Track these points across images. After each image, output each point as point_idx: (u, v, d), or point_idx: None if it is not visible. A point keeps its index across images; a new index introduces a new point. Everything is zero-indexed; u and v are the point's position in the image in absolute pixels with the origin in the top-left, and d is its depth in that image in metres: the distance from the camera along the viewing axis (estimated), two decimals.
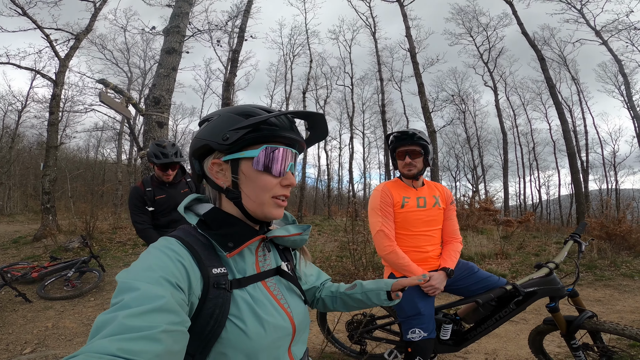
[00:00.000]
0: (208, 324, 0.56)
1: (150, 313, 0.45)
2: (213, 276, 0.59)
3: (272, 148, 0.66)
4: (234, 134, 0.64)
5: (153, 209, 2.61)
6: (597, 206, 12.26)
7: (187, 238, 0.62)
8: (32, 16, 8.75)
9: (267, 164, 0.65)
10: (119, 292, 0.49)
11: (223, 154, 0.67)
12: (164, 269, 0.53)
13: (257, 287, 0.66)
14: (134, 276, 0.51)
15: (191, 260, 0.59)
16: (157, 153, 2.57)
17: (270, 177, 0.66)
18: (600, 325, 1.59)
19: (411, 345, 1.74)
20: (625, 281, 4.52)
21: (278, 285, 0.70)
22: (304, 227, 0.77)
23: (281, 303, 0.67)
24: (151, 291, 0.48)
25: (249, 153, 0.65)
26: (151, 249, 0.59)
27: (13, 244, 7.31)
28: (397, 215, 1.84)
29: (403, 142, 1.83)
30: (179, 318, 0.49)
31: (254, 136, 0.65)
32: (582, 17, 14.86)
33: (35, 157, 17.62)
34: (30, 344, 2.98)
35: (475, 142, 23.83)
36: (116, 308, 0.46)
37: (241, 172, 0.66)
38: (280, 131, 0.67)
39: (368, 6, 18.25)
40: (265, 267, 0.70)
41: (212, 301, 0.57)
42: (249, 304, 0.62)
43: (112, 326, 0.42)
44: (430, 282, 1.72)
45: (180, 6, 5.77)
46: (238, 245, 0.63)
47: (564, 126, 12.33)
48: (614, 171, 20.33)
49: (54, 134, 8.52)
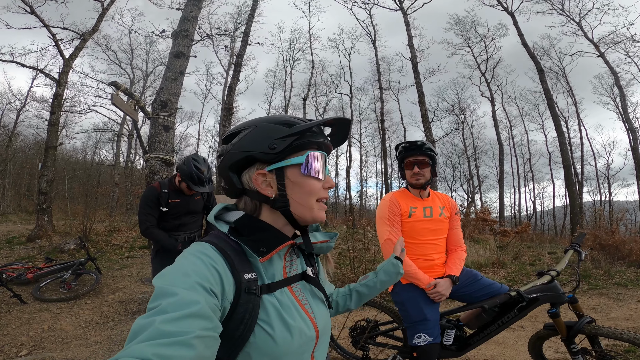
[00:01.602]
0: (238, 329, 0.57)
1: (185, 319, 0.47)
2: (245, 281, 0.60)
3: (314, 153, 0.69)
4: (281, 142, 0.66)
5: (167, 210, 2.59)
6: (591, 218, 12.42)
7: (220, 244, 0.63)
8: (39, 14, 8.78)
9: (312, 169, 0.68)
10: (157, 297, 0.50)
11: (266, 164, 0.67)
12: (199, 274, 0.55)
13: (283, 292, 0.67)
14: (171, 281, 0.53)
15: (224, 266, 0.60)
16: (194, 177, 2.45)
17: (315, 181, 0.69)
18: (598, 330, 1.65)
19: (417, 350, 1.77)
20: (619, 290, 4.60)
21: (303, 291, 0.71)
22: (330, 234, 0.79)
23: (305, 308, 0.68)
24: (187, 297, 0.49)
25: (295, 160, 0.67)
26: (187, 254, 0.60)
27: (6, 244, 7.20)
28: (404, 225, 1.88)
29: (412, 152, 1.88)
30: (212, 324, 0.50)
31: (298, 143, 0.67)
32: (580, 30, 15.25)
33: (31, 157, 17.47)
34: (26, 346, 2.95)
35: (471, 153, 24.13)
36: (154, 313, 0.47)
37: (287, 179, 0.68)
38: (316, 137, 0.70)
39: (368, 14, 18.59)
40: (291, 272, 0.71)
41: (243, 306, 0.58)
42: (277, 309, 0.63)
43: (148, 331, 0.44)
44: (436, 288, 1.77)
45: (191, 10, 5.83)
46: (270, 250, 0.65)
47: (560, 138, 12.56)
48: (608, 183, 20.66)
49: (53, 134, 8.48)
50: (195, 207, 2.77)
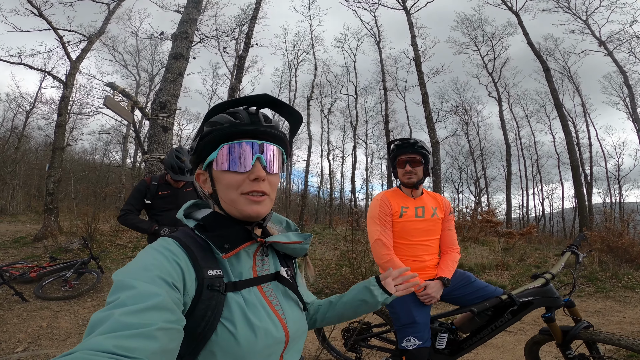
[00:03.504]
0: (199, 326, 0.56)
1: (146, 311, 0.45)
2: (208, 277, 0.59)
3: (228, 146, 0.65)
4: (194, 144, 0.68)
5: (150, 203, 2.61)
6: (601, 219, 12.16)
7: (184, 239, 0.63)
8: (47, 17, 8.94)
9: (225, 162, 0.65)
10: (115, 291, 0.49)
11: (202, 164, 0.70)
12: (160, 268, 0.54)
13: (252, 291, 0.65)
14: (131, 275, 0.51)
15: (187, 261, 0.59)
16: (174, 166, 2.52)
17: (233, 174, 0.65)
18: (596, 336, 1.58)
19: (406, 353, 1.73)
20: (627, 293, 4.48)
21: (275, 291, 0.69)
22: (305, 235, 0.77)
23: (275, 309, 0.66)
24: (147, 289, 0.48)
25: (211, 156, 0.66)
26: (148, 249, 0.59)
27: (14, 244, 7.34)
28: (395, 225, 1.84)
29: (404, 151, 1.84)
30: (175, 316, 0.49)
31: (210, 139, 0.65)
32: (587, 28, 14.95)
33: (40, 158, 17.82)
34: (23, 343, 2.98)
35: (478, 154, 23.81)
36: (112, 306, 0.46)
37: (213, 176, 0.68)
38: (232, 127, 0.65)
39: (373, 15, 18.54)
40: (262, 271, 0.69)
41: (204, 302, 0.57)
42: (242, 307, 0.61)
43: (107, 324, 0.43)
44: (426, 290, 1.72)
45: (189, 13, 5.91)
46: (235, 246, 0.64)
47: (568, 139, 12.34)
48: (618, 184, 20.20)
49: (61, 136, 8.63)
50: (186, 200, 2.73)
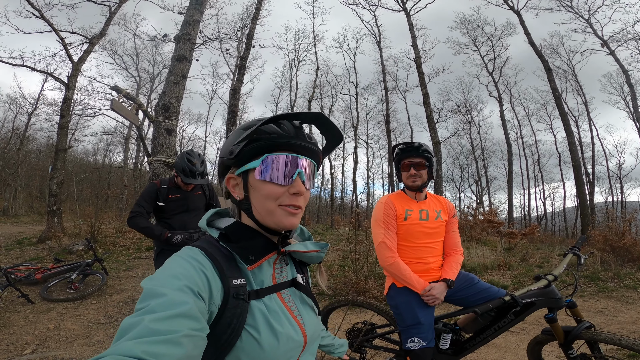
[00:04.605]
0: (225, 333, 0.58)
1: (174, 318, 0.47)
2: (233, 287, 0.61)
3: (273, 157, 0.66)
4: (236, 148, 0.67)
5: (163, 205, 2.62)
6: (603, 219, 12.14)
7: (210, 249, 0.64)
8: (48, 19, 8.97)
9: (268, 173, 0.66)
10: (145, 298, 0.51)
11: (235, 169, 0.70)
12: (188, 277, 0.56)
13: (272, 298, 0.67)
14: (160, 283, 0.53)
15: (213, 271, 0.61)
16: (186, 169, 2.53)
17: (275, 185, 0.66)
18: (597, 336, 1.60)
19: (410, 354, 1.75)
20: (629, 293, 4.50)
21: (292, 297, 0.72)
22: (321, 244, 0.78)
23: (294, 315, 0.69)
24: (176, 297, 0.50)
25: (252, 164, 0.67)
26: (176, 258, 0.61)
27: (17, 245, 7.37)
28: (399, 227, 1.87)
29: (408, 154, 1.87)
30: (200, 325, 0.51)
31: (256, 147, 0.66)
32: (589, 27, 14.93)
33: (42, 159, 17.88)
34: (30, 345, 3.01)
35: (479, 154, 23.79)
36: (142, 312, 0.48)
37: (249, 184, 0.68)
38: (280, 139, 0.66)
39: (373, 15, 18.55)
40: (281, 279, 0.72)
41: (230, 311, 0.59)
42: (264, 314, 0.63)
43: (137, 329, 0.44)
44: (430, 292, 1.75)
45: (192, 14, 5.94)
46: (259, 258, 0.66)
47: (569, 138, 12.32)
48: (620, 184, 20.17)
49: (63, 137, 8.66)
50: (196, 204, 2.76)
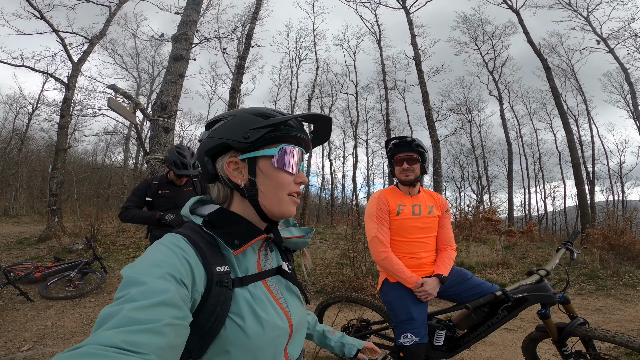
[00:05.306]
0: (208, 321, 0.57)
1: (156, 307, 0.46)
2: (217, 274, 0.60)
3: (289, 147, 0.69)
4: (255, 133, 0.66)
5: (151, 200, 2.66)
6: (603, 217, 12.11)
7: (193, 236, 0.63)
8: (48, 19, 8.98)
9: (284, 162, 0.68)
10: (125, 286, 0.50)
11: (240, 153, 0.68)
12: (170, 264, 0.54)
13: (257, 285, 0.66)
14: (140, 271, 0.52)
15: (196, 258, 0.60)
16: (177, 161, 2.59)
17: (287, 174, 0.69)
18: (591, 332, 1.59)
19: (403, 349, 1.76)
20: (627, 291, 4.49)
21: (278, 285, 0.71)
22: (306, 230, 0.80)
23: (280, 302, 0.68)
24: (157, 285, 0.49)
25: (267, 151, 0.68)
26: (157, 245, 0.60)
27: (18, 245, 7.41)
28: (392, 222, 1.87)
29: (401, 149, 1.88)
30: (182, 313, 0.50)
31: (273, 135, 0.68)
32: (588, 25, 14.86)
33: (43, 159, 17.91)
34: (28, 342, 3.03)
35: (480, 153, 23.75)
36: (121, 301, 0.46)
37: (259, 170, 0.68)
38: (294, 131, 0.70)
39: (374, 14, 18.49)
40: (266, 266, 0.71)
41: (214, 298, 0.58)
42: (249, 302, 0.63)
43: (116, 318, 0.43)
44: (423, 287, 1.75)
45: (189, 14, 5.95)
46: (244, 243, 0.65)
47: (568, 136, 12.28)
48: (621, 182, 20.10)
49: (63, 137, 8.69)
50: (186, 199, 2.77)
